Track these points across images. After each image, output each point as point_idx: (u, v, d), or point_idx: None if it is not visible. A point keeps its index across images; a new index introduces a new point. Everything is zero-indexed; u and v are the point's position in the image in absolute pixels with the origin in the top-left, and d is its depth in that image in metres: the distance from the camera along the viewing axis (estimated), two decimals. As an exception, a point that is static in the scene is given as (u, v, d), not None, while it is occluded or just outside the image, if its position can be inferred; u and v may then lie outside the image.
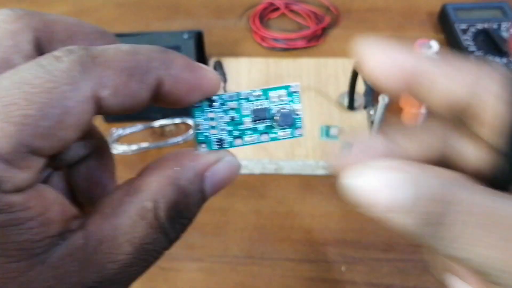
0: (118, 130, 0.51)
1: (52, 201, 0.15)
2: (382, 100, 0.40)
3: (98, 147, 0.21)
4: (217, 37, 0.61)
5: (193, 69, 0.17)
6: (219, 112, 0.19)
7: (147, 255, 0.16)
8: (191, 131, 0.51)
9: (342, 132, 0.49)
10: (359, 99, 0.51)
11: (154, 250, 0.16)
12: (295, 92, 0.19)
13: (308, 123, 0.50)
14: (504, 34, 0.56)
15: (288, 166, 0.48)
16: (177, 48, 0.52)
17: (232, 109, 0.19)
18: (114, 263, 0.15)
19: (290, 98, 0.19)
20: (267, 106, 0.19)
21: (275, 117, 0.19)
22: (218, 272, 0.42)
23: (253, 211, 0.46)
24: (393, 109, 0.53)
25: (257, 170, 0.48)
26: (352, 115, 0.51)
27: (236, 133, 0.19)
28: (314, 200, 0.46)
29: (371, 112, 0.42)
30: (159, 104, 0.17)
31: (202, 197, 0.18)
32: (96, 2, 0.67)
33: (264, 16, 0.64)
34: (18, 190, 0.14)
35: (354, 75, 0.48)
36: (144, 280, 0.44)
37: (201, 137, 0.19)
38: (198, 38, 0.54)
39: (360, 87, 0.48)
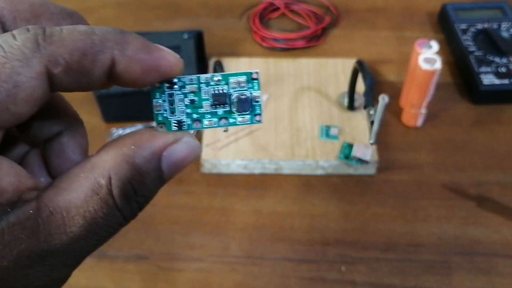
0: (118, 130, 0.51)
1: (6, 172, 0.16)
2: (382, 100, 0.40)
3: (71, 125, 0.21)
4: (217, 37, 0.61)
5: (149, 51, 0.17)
6: (178, 94, 0.19)
7: (99, 230, 0.17)
8: (190, 131, 0.51)
9: (342, 132, 0.49)
10: (359, 99, 0.51)
11: (108, 225, 0.17)
12: (255, 79, 0.19)
13: (308, 123, 0.50)
14: (504, 34, 0.56)
15: (288, 166, 0.48)
16: (177, 48, 0.52)
17: (192, 92, 0.19)
18: (64, 235, 0.16)
19: (250, 85, 0.19)
20: (227, 92, 0.19)
21: (233, 103, 0.19)
22: (218, 272, 0.42)
23: (253, 211, 0.46)
24: (393, 109, 0.53)
25: (257, 170, 0.48)
26: (352, 115, 0.51)
27: (195, 116, 0.19)
28: (314, 200, 0.46)
29: (371, 112, 0.42)
30: (116, 83, 0.18)
31: (160, 176, 0.18)
32: (96, 2, 0.67)
33: (264, 16, 0.64)
34: None
35: (354, 75, 0.48)
36: (144, 280, 0.44)
37: (160, 118, 0.19)
38: (198, 38, 0.54)
39: (360, 87, 0.48)
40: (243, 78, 0.19)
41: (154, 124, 0.19)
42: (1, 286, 0.16)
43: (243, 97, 0.19)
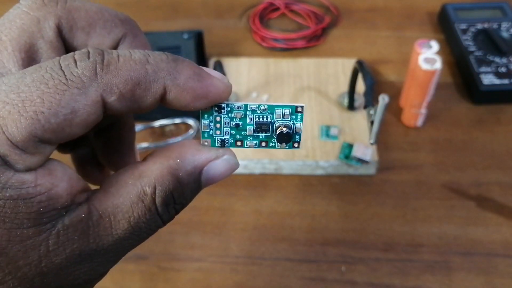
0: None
1: (61, 178, 0.17)
2: (382, 100, 0.40)
3: (121, 119, 0.23)
4: (217, 37, 0.61)
5: (200, 79, 0.18)
6: (225, 117, 0.20)
7: (141, 232, 0.18)
8: (191, 131, 0.51)
9: (342, 132, 0.49)
10: (359, 99, 0.51)
11: (148, 228, 0.19)
12: (299, 112, 0.20)
13: (308, 123, 0.50)
14: (504, 34, 0.56)
15: (288, 166, 0.48)
16: (177, 48, 0.52)
17: (238, 117, 0.20)
18: (111, 236, 0.18)
19: (293, 117, 0.20)
20: (271, 121, 0.20)
21: (275, 132, 0.20)
22: (218, 272, 0.42)
23: (253, 211, 0.46)
24: (393, 109, 0.53)
25: (257, 170, 0.48)
26: (352, 115, 0.51)
27: (238, 137, 0.20)
28: (314, 200, 0.46)
29: (371, 112, 0.42)
30: (166, 107, 0.19)
31: (197, 187, 0.20)
32: (95, 2, 0.67)
33: (264, 16, 0.64)
34: (29, 169, 0.16)
35: (354, 75, 0.48)
36: (144, 280, 0.44)
37: (206, 135, 0.20)
38: (198, 38, 0.54)
39: (360, 87, 0.48)
40: (287, 111, 0.20)
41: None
42: (55, 279, 0.17)
43: (284, 131, 0.20)
